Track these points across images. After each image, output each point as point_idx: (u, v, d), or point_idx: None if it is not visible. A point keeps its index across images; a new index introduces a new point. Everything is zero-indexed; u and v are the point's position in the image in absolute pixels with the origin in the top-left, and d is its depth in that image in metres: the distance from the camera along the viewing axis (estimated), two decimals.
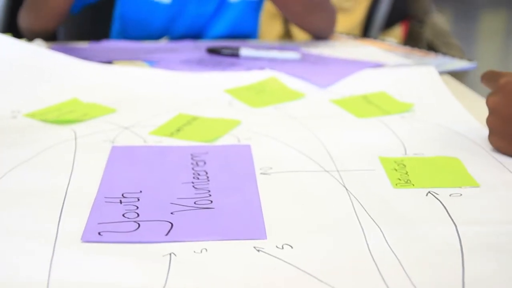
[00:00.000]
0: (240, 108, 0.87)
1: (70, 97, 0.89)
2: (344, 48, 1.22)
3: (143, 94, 0.92)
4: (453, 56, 1.17)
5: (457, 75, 1.08)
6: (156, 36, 1.31)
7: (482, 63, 1.03)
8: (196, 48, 1.16)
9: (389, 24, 2.23)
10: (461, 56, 2.20)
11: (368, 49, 1.20)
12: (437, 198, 0.60)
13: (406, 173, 0.66)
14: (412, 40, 2.22)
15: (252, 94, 0.92)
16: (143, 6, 1.28)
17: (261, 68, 1.02)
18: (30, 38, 1.16)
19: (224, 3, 1.31)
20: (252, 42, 1.26)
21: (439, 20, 2.35)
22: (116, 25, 1.33)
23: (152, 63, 1.05)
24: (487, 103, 0.72)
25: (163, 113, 0.84)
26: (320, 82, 0.96)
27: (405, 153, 0.72)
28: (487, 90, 0.75)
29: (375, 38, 2.13)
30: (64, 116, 0.81)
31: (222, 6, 1.31)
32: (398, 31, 2.43)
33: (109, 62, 1.05)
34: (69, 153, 0.70)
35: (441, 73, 1.02)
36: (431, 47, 2.19)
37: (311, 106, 0.89)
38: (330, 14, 1.29)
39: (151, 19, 1.29)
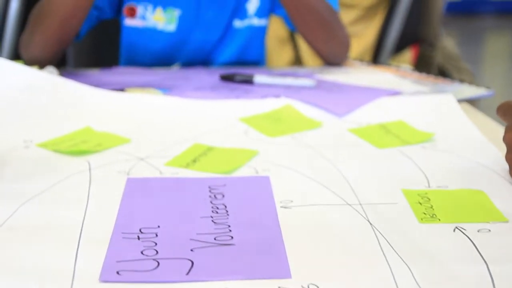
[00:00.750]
0: (256, 137, 0.86)
1: (83, 125, 0.87)
2: (358, 74, 1.20)
3: (157, 122, 0.90)
4: (465, 80, 1.15)
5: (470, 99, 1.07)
6: (163, 63, 1.29)
7: (488, 86, 1.02)
8: (208, 75, 1.15)
9: (399, 48, 2.22)
10: (472, 80, 2.19)
11: (383, 76, 1.19)
12: (465, 234, 0.58)
13: (431, 207, 0.64)
14: (423, 64, 2.20)
15: (268, 123, 0.91)
16: (147, 34, 1.27)
17: (276, 95, 1.01)
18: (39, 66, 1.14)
19: (229, 29, 1.30)
20: (264, 68, 1.24)
21: (449, 44, 2.34)
22: (123, 53, 1.32)
23: (165, 90, 1.04)
24: (505, 140, 0.70)
25: (178, 143, 0.82)
26: (337, 111, 0.94)
27: (429, 186, 0.70)
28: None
29: (386, 62, 2.13)
30: (77, 146, 0.80)
31: (227, 32, 1.30)
32: (408, 55, 2.42)
33: (121, 89, 1.04)
34: (84, 185, 0.68)
35: (459, 100, 1.00)
36: (442, 71, 2.18)
37: (329, 135, 0.87)
38: (343, 39, 1.27)
39: (157, 47, 1.29)
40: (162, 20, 1.27)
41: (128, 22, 1.27)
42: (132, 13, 1.27)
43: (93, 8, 1.21)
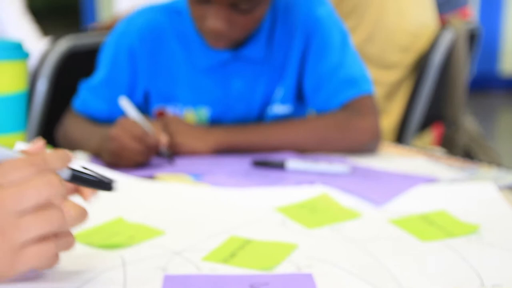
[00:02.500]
0: (294, 228, 0.82)
1: (115, 216, 0.85)
2: (391, 159, 1.17)
3: (191, 213, 0.87)
4: (492, 162, 1.12)
5: None
6: None
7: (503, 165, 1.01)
8: (240, 160, 1.12)
9: (421, 127, 2.20)
10: (499, 161, 2.15)
11: (417, 161, 1.16)
12: None
13: None
14: (447, 144, 2.18)
15: (305, 213, 0.88)
16: None
17: (311, 183, 0.98)
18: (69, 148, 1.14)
19: (258, 118, 1.28)
20: (295, 154, 1.21)
21: (471, 123, 2.32)
22: None
23: (197, 176, 1.01)
24: None
25: (213, 235, 0.79)
26: (375, 199, 0.91)
27: (483, 284, 0.66)
28: None
29: (410, 142, 2.10)
30: (110, 239, 0.77)
31: (257, 120, 1.29)
32: (431, 134, 2.40)
33: (151, 176, 1.01)
34: (118, 284, 0.65)
35: (499, 187, 0.97)
36: (467, 152, 2.15)
37: (369, 227, 0.84)
38: (363, 133, 1.21)
39: None
40: (193, 119, 1.26)
41: None
42: (162, 115, 1.26)
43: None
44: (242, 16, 1.13)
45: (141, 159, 1.06)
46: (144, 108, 1.30)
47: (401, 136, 2.09)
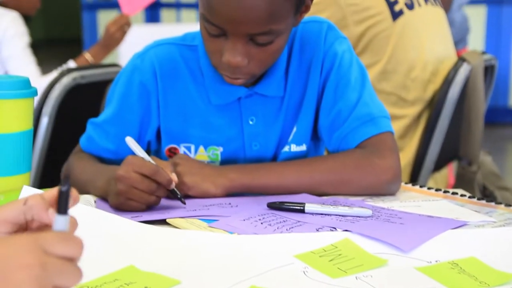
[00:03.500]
0: (317, 278, 0.78)
1: (126, 264, 0.80)
2: (413, 200, 1.12)
3: (206, 260, 0.82)
4: (508, 203, 1.07)
5: None
6: None
7: None
8: (255, 203, 1.07)
9: (437, 165, 2.14)
10: None
11: (440, 203, 1.11)
12: None
13: None
14: (463, 183, 2.12)
15: (327, 261, 0.83)
16: None
17: (332, 227, 0.93)
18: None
19: (272, 158, 1.24)
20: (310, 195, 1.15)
21: (487, 160, 2.27)
22: None
23: (210, 221, 0.97)
24: None
25: (233, 285, 0.74)
26: (401, 245, 0.86)
27: None
28: None
29: (426, 180, 2.05)
30: None
31: (270, 160, 1.24)
32: (446, 172, 2.35)
33: (163, 220, 0.97)
34: None
35: None
36: (484, 191, 2.10)
37: (397, 276, 0.79)
38: (381, 173, 1.15)
39: None
40: (205, 158, 1.22)
41: None
42: (173, 154, 1.22)
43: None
44: (260, 49, 1.08)
45: (152, 199, 1.02)
46: (155, 147, 1.26)
47: (416, 175, 2.04)
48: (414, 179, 2.02)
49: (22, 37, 2.44)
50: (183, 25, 5.28)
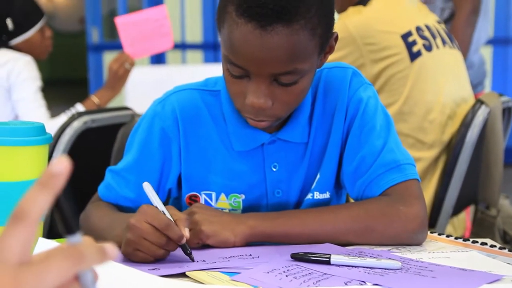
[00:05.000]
0: None
1: None
2: (442, 251, 1.07)
3: None
4: None
5: None
6: None
7: None
8: (277, 253, 1.03)
9: (455, 210, 2.09)
10: None
11: (471, 254, 1.05)
12: None
13: None
14: (483, 228, 2.07)
15: None
16: None
17: (361, 282, 0.88)
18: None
19: (295, 206, 1.19)
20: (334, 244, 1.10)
21: (505, 204, 2.21)
22: None
23: (232, 274, 0.92)
24: None
25: None
26: None
27: None
28: None
29: (444, 226, 2.00)
30: None
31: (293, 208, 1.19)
32: (463, 216, 2.29)
33: (183, 273, 0.92)
34: None
35: None
36: (505, 236, 2.04)
37: None
38: (407, 222, 1.09)
39: None
40: (227, 206, 1.18)
41: None
42: (193, 202, 1.18)
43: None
44: (284, 90, 1.04)
45: (161, 253, 0.97)
46: (176, 194, 1.21)
47: (434, 220, 1.98)
48: (432, 224, 1.97)
49: (34, 81, 2.43)
50: (189, 67, 5.29)
